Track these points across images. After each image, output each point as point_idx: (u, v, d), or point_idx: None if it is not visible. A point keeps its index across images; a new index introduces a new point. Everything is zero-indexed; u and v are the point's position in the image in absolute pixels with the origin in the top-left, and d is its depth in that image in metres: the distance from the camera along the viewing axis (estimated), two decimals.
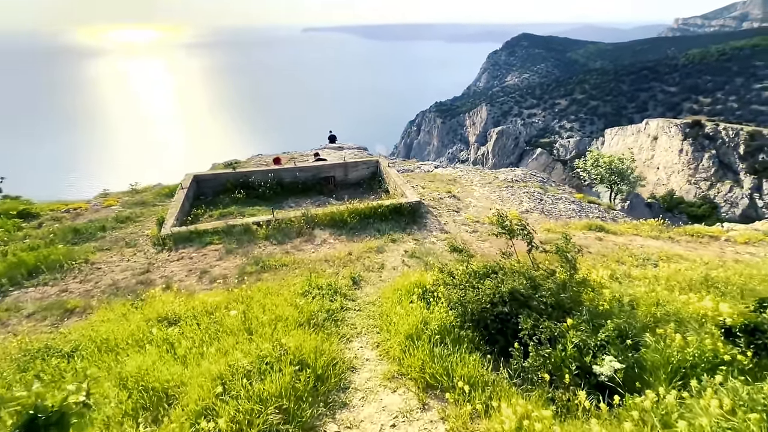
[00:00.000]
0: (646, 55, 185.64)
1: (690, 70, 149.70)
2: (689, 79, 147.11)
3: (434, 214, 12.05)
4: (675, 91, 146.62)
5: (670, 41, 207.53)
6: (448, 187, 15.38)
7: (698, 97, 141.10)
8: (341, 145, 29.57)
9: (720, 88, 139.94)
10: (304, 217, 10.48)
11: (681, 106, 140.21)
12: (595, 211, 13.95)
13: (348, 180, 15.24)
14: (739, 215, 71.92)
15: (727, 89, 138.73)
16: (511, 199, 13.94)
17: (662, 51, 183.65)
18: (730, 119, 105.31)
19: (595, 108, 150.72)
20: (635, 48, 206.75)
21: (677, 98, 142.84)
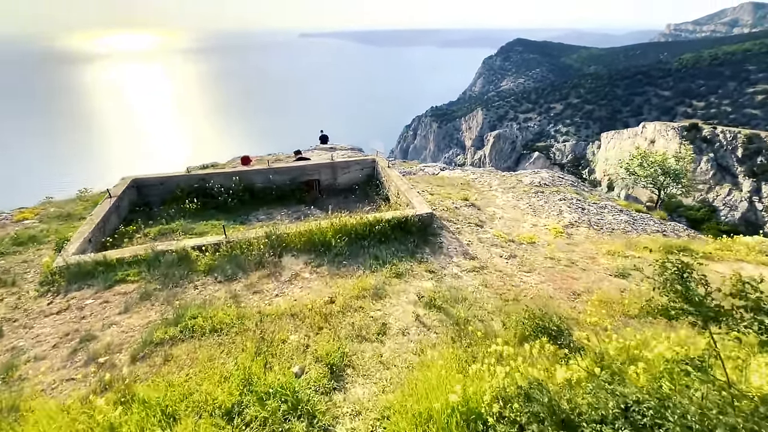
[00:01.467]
0: (639, 60, 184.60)
1: (683, 75, 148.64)
2: (683, 84, 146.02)
3: (451, 231, 8.76)
4: (669, 95, 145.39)
5: (662, 46, 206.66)
6: (463, 192, 12.10)
7: (692, 101, 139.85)
8: (333, 146, 26.25)
9: (713, 92, 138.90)
10: (269, 238, 7.13)
11: (675, 110, 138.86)
12: (651, 223, 10.79)
13: (337, 184, 11.93)
14: (739, 219, 69.67)
15: (721, 93, 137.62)
16: (545, 209, 10.70)
17: (655, 56, 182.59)
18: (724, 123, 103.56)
19: (590, 112, 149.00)
20: (628, 53, 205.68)
21: (671, 102, 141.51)
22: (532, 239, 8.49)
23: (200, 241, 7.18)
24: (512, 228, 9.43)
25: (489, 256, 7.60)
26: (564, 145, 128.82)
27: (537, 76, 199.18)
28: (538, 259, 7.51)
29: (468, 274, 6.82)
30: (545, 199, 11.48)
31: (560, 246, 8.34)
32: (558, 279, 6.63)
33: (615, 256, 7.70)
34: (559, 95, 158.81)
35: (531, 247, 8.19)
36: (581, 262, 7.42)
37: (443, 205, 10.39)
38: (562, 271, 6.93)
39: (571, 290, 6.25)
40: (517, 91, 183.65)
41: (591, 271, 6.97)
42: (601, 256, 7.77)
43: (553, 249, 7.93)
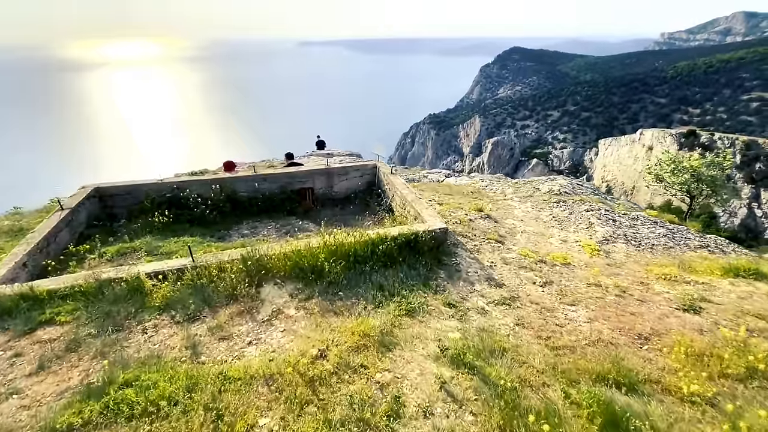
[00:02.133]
0: (634, 67, 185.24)
1: (679, 82, 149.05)
2: (678, 91, 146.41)
3: (468, 249, 7.30)
4: (665, 102, 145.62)
5: (657, 54, 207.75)
6: (475, 202, 10.65)
7: (688, 108, 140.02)
8: (330, 152, 24.86)
9: (709, 100, 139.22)
10: (247, 261, 5.64)
11: (671, 117, 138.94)
12: (690, 236, 9.38)
13: (333, 193, 10.47)
14: (738, 225, 68.66)
15: (716, 100, 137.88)
16: (572, 221, 9.25)
17: (650, 64, 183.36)
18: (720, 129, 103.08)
19: (587, 119, 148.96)
20: (624, 61, 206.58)
21: (667, 109, 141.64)
22: (565, 259, 7.02)
23: (160, 265, 5.68)
24: (538, 244, 7.97)
25: (519, 282, 6.12)
26: (562, 152, 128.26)
27: (534, 83, 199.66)
28: (580, 286, 6.03)
29: (497, 307, 5.34)
30: (569, 209, 10.04)
31: (601, 267, 6.87)
32: (613, 315, 5.15)
33: (671, 281, 6.24)
34: (556, 102, 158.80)
35: (566, 269, 6.72)
36: (633, 289, 5.95)
37: (456, 217, 8.92)
38: (614, 304, 5.45)
39: (634, 332, 4.77)
40: (514, 98, 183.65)
41: (650, 303, 5.50)
42: (655, 281, 6.31)
43: (595, 273, 6.45)
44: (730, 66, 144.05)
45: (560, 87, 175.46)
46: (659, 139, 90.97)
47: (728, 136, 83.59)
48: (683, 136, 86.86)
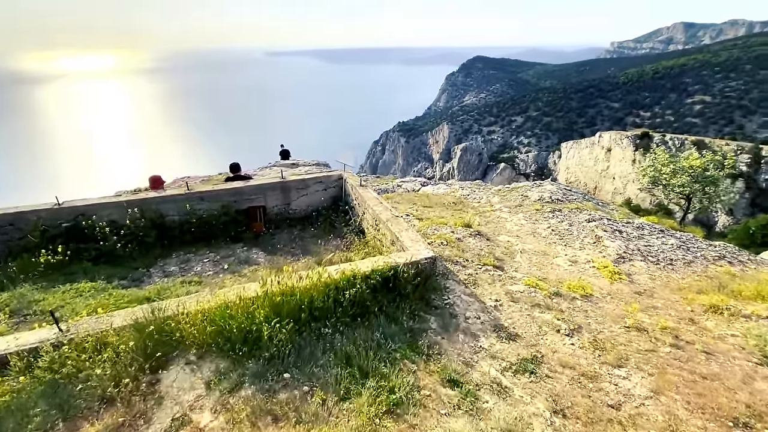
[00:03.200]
0: (589, 74, 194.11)
1: (630, 88, 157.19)
2: (630, 96, 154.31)
3: (462, 280, 5.62)
4: (618, 106, 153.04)
5: (609, 62, 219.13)
6: (460, 215, 9.05)
7: (639, 112, 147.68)
8: (295, 162, 22.82)
9: (657, 103, 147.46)
10: (141, 331, 3.65)
11: (625, 120, 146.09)
12: (702, 245, 8.19)
13: (291, 212, 8.53)
14: (692, 220, 71.80)
15: (664, 104, 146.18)
16: (575, 234, 7.81)
17: (603, 71, 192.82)
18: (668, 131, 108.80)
19: (548, 124, 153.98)
20: (579, 68, 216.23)
21: (621, 113, 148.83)
22: (584, 289, 5.47)
23: (2, 344, 3.59)
24: (544, 268, 6.40)
25: (537, 330, 4.46)
26: (527, 156, 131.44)
27: (497, 90, 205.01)
28: (617, 331, 4.46)
29: (518, 378, 3.64)
30: (568, 220, 8.61)
31: (630, 298, 5.37)
32: (681, 382, 3.58)
33: (724, 315, 4.79)
34: (519, 108, 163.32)
35: (590, 304, 5.15)
36: (686, 332, 4.43)
37: (441, 237, 7.24)
38: (675, 361, 3.90)
39: (723, 413, 3.19)
40: (479, 105, 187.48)
41: (720, 356, 3.99)
42: (703, 314, 4.85)
43: (632, 310, 4.91)
44: (674, 72, 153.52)
45: (522, 94, 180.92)
46: (617, 141, 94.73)
47: (678, 137, 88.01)
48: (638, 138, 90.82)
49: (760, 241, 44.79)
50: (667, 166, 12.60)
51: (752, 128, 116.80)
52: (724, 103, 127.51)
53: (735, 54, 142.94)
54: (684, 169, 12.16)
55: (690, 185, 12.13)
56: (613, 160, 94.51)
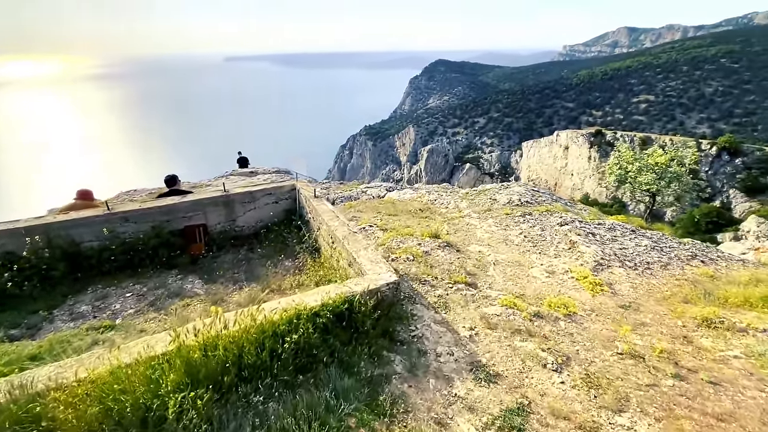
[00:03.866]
0: (544, 76, 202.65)
1: (582, 89, 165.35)
2: (582, 96, 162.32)
3: (431, 303, 4.86)
4: (573, 106, 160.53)
5: (562, 65, 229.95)
6: (427, 224, 8.34)
7: (592, 111, 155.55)
8: (254, 170, 21.47)
9: (607, 103, 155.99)
10: None
11: (580, 119, 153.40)
12: (674, 244, 7.93)
13: (237, 229, 7.46)
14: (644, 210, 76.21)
15: (613, 103, 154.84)
16: (549, 240, 7.29)
17: (557, 73, 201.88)
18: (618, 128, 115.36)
19: (509, 124, 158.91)
20: (535, 71, 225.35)
21: (575, 113, 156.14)
22: (566, 307, 4.86)
23: None
24: (520, 281, 5.77)
25: (520, 365, 3.76)
26: (491, 156, 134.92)
27: (460, 93, 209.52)
28: (611, 361, 3.83)
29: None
30: (539, 224, 8.11)
31: (613, 313, 4.81)
32: (693, 429, 2.96)
33: (718, 329, 4.31)
34: (481, 110, 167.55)
35: (575, 325, 4.53)
36: (684, 356, 3.88)
37: (407, 251, 6.47)
38: (681, 398, 3.29)
39: None
40: (443, 107, 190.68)
41: (728, 386, 3.43)
42: (697, 330, 4.34)
43: (621, 333, 4.32)
44: (621, 73, 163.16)
45: (483, 96, 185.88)
46: (573, 139, 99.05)
47: (628, 134, 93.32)
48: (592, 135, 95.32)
49: (704, 228, 47.77)
50: (632, 164, 12.60)
51: (691, 124, 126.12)
52: (666, 102, 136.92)
53: (673, 56, 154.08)
54: (649, 167, 12.19)
55: (656, 182, 12.18)
56: (571, 158, 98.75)
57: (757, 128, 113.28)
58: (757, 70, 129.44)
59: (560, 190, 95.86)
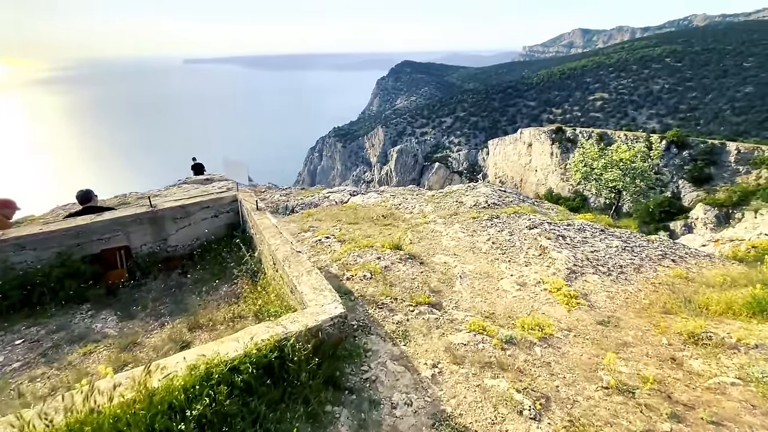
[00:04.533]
0: (506, 76, 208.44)
1: (542, 87, 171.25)
2: (543, 95, 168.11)
3: (388, 333, 4.10)
4: (534, 105, 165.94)
5: (522, 65, 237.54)
6: (389, 233, 7.61)
7: (552, 109, 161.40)
8: (210, 176, 20.07)
9: (566, 101, 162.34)
10: None
11: (541, 117, 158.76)
12: (643, 243, 7.62)
13: (169, 249, 6.40)
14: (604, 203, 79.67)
15: (571, 101, 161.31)
16: (518, 246, 6.74)
17: (518, 73, 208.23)
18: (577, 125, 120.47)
19: (475, 123, 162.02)
20: (498, 71, 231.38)
21: (537, 111, 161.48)
22: (540, 327, 4.25)
23: None
24: (490, 298, 5.14)
25: (491, 414, 3.07)
26: (459, 154, 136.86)
27: (426, 93, 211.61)
28: (595, 397, 3.23)
29: None
30: (507, 227, 7.57)
31: (591, 331, 4.26)
32: None
33: (706, 346, 3.83)
34: (448, 110, 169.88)
35: (551, 350, 3.92)
36: (675, 385, 3.34)
37: (364, 267, 5.69)
38: None
39: None
40: (411, 108, 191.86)
41: (731, 425, 2.89)
42: (682, 348, 3.84)
43: (605, 362, 3.74)
44: (577, 72, 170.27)
45: (449, 96, 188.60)
46: (536, 137, 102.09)
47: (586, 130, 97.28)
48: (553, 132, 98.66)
49: (658, 217, 50.15)
50: (597, 160, 12.42)
51: (642, 120, 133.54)
52: (619, 99, 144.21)
53: (623, 56, 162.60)
54: (615, 163, 12.03)
55: (621, 179, 12.05)
56: (534, 154, 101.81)
57: (699, 122, 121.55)
58: (698, 69, 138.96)
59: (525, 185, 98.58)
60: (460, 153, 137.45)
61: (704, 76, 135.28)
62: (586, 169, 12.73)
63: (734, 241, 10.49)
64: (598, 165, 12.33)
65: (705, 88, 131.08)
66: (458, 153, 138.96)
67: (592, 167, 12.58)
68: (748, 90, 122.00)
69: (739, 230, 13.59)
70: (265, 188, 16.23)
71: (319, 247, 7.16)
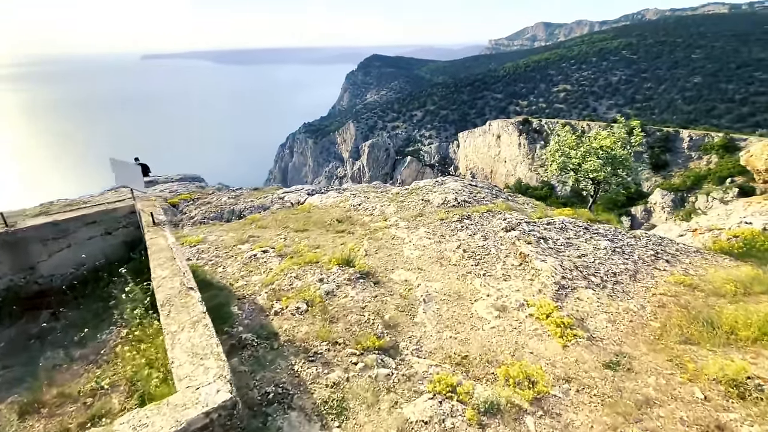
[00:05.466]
0: (474, 69, 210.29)
1: (509, 80, 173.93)
2: (509, 87, 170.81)
3: (316, 406, 2.73)
4: (501, 97, 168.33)
5: (489, 58, 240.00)
6: (341, 240, 6.23)
7: (518, 101, 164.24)
8: (154, 179, 18.04)
9: (531, 93, 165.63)
10: None
11: (508, 109, 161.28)
12: (632, 241, 6.65)
13: (39, 282, 4.74)
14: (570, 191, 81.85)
15: (536, 93, 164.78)
16: (494, 253, 5.54)
17: (485, 66, 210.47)
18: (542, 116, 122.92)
19: (445, 116, 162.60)
20: (465, 64, 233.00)
21: (504, 103, 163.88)
22: (530, 379, 3.02)
23: None
24: (461, 329, 3.88)
25: None
26: (430, 148, 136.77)
27: (396, 87, 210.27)
28: None
29: None
30: (480, 230, 6.36)
31: (599, 382, 3.08)
32: None
33: (755, 400, 2.72)
34: (418, 104, 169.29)
35: (549, 420, 2.69)
36: None
37: (300, 294, 4.29)
38: None
39: None
40: (381, 102, 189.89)
41: None
42: (725, 403, 2.73)
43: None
44: (541, 65, 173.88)
45: (419, 89, 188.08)
46: (503, 128, 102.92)
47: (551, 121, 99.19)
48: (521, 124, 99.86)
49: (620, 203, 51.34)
50: (576, 149, 11.33)
51: (602, 110, 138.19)
52: (581, 90, 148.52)
53: (584, 49, 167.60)
54: (594, 151, 10.98)
55: (603, 169, 11.03)
56: (503, 146, 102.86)
57: (654, 111, 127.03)
58: (652, 60, 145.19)
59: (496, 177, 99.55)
60: (432, 146, 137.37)
61: (657, 68, 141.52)
62: (564, 159, 11.66)
63: (713, 231, 9.78)
64: (576, 154, 11.31)
65: (659, 79, 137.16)
66: (430, 146, 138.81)
67: (569, 156, 11.54)
68: (697, 80, 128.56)
69: (712, 218, 13.13)
70: (213, 190, 14.41)
71: (253, 264, 5.69)
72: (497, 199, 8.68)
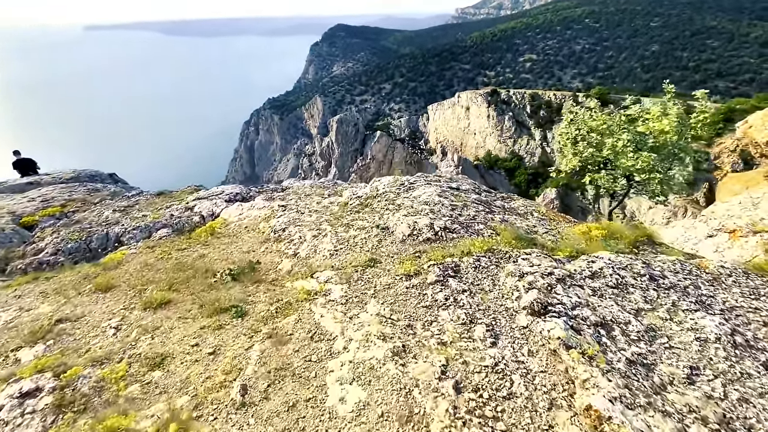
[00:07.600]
0: (441, 39, 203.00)
1: (476, 50, 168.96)
2: (477, 57, 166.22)
3: None
4: (469, 68, 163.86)
5: (456, 27, 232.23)
6: (216, 338, 2.94)
7: (486, 72, 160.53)
8: (37, 179, 13.71)
9: (498, 63, 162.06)
10: None
11: (476, 80, 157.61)
12: (754, 316, 3.92)
13: None
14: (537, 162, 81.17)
15: (503, 63, 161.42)
16: (528, 402, 2.54)
17: (452, 36, 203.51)
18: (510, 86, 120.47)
19: (414, 89, 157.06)
20: (432, 34, 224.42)
21: (472, 74, 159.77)
22: None
23: None
24: None
25: None
26: (400, 121, 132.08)
27: (363, 59, 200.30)
28: None
29: None
30: (481, 306, 3.28)
31: None
32: None
33: None
34: (386, 76, 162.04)
35: None
36: None
37: None
38: None
39: None
40: (348, 75, 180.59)
41: None
42: None
43: None
44: (507, 34, 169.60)
45: (386, 61, 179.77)
46: (473, 100, 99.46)
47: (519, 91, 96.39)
48: (489, 95, 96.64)
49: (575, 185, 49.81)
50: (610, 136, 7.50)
51: (567, 79, 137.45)
52: (546, 60, 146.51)
53: (548, 17, 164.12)
54: (642, 139, 7.24)
55: (659, 165, 7.46)
56: (472, 117, 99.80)
57: (615, 80, 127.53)
58: (613, 29, 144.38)
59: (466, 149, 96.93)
60: (401, 120, 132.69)
61: (618, 36, 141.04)
62: (592, 151, 7.88)
63: (761, 234, 7.02)
64: (619, 144, 7.50)
65: (619, 48, 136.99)
66: (399, 120, 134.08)
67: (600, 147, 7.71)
68: (655, 48, 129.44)
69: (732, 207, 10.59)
70: (103, 197, 10.41)
71: None
72: (493, 216, 5.57)
